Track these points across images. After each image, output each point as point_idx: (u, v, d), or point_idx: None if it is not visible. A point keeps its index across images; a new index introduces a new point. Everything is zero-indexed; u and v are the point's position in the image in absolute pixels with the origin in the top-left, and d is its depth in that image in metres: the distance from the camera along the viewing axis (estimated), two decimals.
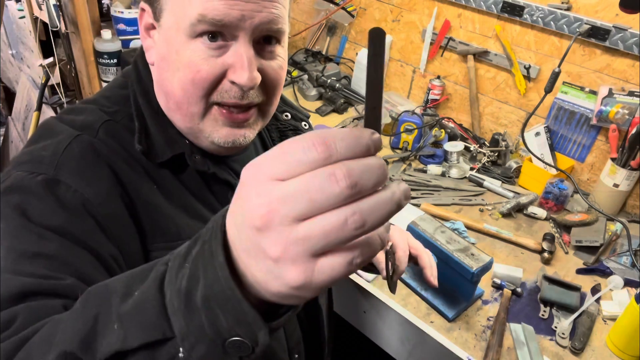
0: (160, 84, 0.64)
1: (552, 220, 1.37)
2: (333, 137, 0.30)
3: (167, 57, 0.60)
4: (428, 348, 1.01)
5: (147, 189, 0.62)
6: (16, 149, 2.54)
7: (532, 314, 1.08)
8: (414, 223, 1.08)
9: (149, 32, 0.64)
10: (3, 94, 2.83)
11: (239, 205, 0.32)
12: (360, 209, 0.29)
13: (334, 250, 0.30)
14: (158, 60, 0.63)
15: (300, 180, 0.29)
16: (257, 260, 0.31)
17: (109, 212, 0.57)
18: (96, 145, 0.60)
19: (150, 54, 0.64)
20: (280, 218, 0.29)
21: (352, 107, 1.86)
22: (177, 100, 0.61)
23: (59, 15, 1.71)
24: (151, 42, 0.64)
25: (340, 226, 0.29)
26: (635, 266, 1.21)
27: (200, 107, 0.61)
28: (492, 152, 1.59)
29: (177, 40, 0.58)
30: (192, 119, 0.62)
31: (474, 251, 1.01)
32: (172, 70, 0.60)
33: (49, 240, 0.51)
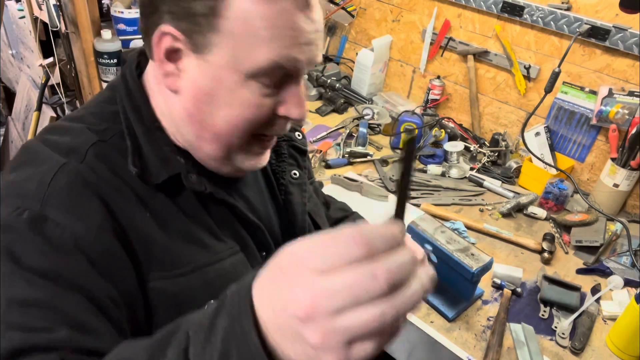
0: (196, 115, 0.59)
1: (552, 220, 1.37)
2: (373, 237, 0.33)
3: (212, 92, 0.57)
4: (428, 348, 1.01)
5: (140, 218, 0.58)
6: (16, 149, 2.54)
7: (532, 314, 1.08)
8: (414, 223, 1.08)
9: (173, 58, 0.57)
10: (3, 94, 2.83)
11: (278, 292, 0.34)
12: (396, 303, 0.32)
13: (368, 336, 0.32)
14: (195, 92, 0.57)
15: (344, 277, 0.32)
16: (293, 344, 0.33)
17: (101, 248, 0.53)
18: (84, 174, 0.55)
19: (173, 81, 0.58)
20: (323, 311, 0.31)
21: (352, 107, 1.86)
22: (219, 133, 0.59)
23: (59, 15, 1.71)
24: (174, 69, 0.57)
25: (378, 319, 0.31)
26: (635, 266, 1.21)
27: (243, 140, 0.61)
28: (492, 152, 1.59)
29: (231, 79, 0.55)
30: (229, 149, 0.61)
31: (474, 251, 1.01)
32: (218, 105, 0.57)
33: (39, 286, 0.48)
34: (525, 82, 1.57)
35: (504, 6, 1.51)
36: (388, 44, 1.89)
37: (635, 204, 1.45)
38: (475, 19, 1.62)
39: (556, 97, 1.51)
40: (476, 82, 1.68)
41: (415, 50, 1.83)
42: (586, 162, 1.52)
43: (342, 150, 1.57)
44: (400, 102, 1.86)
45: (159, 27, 0.54)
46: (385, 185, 1.43)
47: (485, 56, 1.63)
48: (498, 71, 1.63)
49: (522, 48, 1.55)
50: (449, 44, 1.71)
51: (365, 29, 1.97)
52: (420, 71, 1.84)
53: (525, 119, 1.50)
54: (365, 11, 1.94)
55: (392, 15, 1.85)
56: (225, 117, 0.58)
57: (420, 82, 1.87)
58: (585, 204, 1.39)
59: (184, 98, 0.58)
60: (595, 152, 1.49)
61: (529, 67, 1.54)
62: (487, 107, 1.70)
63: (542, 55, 1.51)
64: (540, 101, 1.42)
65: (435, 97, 1.77)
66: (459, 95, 1.76)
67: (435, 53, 1.76)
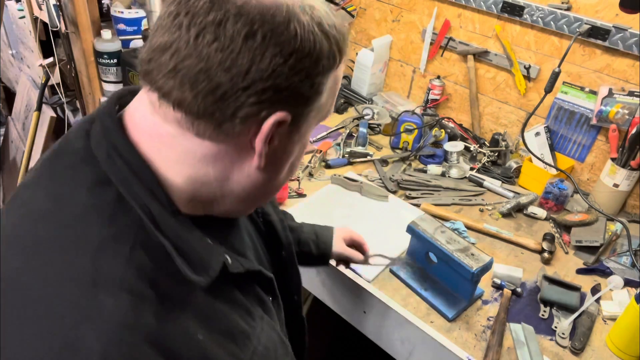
0: (272, 181, 0.56)
1: (552, 220, 1.37)
2: None
3: (298, 155, 0.57)
4: (428, 348, 1.01)
5: (198, 343, 0.49)
6: (16, 149, 2.54)
7: (532, 314, 1.08)
8: (414, 223, 1.08)
9: (272, 139, 0.51)
10: (3, 94, 2.83)
11: None
12: None
13: None
14: (283, 161, 0.55)
15: None
16: None
17: None
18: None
19: (262, 162, 0.52)
20: None
21: (352, 107, 1.86)
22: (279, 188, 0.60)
23: (59, 15, 1.71)
24: (264, 149, 0.51)
25: None
26: (635, 266, 1.21)
27: None
28: (492, 152, 1.59)
29: (308, 137, 0.58)
30: None
31: (474, 251, 1.01)
32: (298, 160, 0.59)
33: None
34: (525, 82, 1.57)
35: (504, 6, 1.51)
36: (388, 44, 1.89)
37: (635, 204, 1.45)
38: (475, 19, 1.62)
39: (556, 97, 1.51)
40: (476, 82, 1.68)
41: (415, 50, 1.83)
42: (586, 162, 1.52)
43: (342, 150, 1.57)
44: (400, 102, 1.86)
45: (275, 115, 0.48)
46: (385, 185, 1.43)
47: (485, 56, 1.63)
48: (498, 71, 1.63)
49: (522, 48, 1.55)
50: (449, 44, 1.71)
51: (365, 29, 1.97)
52: (420, 71, 1.84)
53: (525, 119, 1.50)
54: (365, 11, 1.94)
55: (392, 15, 1.85)
56: (291, 172, 0.59)
57: (420, 82, 1.87)
58: (585, 204, 1.39)
59: (265, 170, 0.53)
60: (595, 152, 1.49)
61: (529, 67, 1.54)
62: (487, 107, 1.70)
63: (542, 55, 1.51)
64: (540, 101, 1.42)
65: (435, 97, 1.77)
66: (459, 95, 1.76)
67: (435, 53, 1.76)
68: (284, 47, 0.46)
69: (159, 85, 0.48)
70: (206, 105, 0.46)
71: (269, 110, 0.48)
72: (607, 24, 1.33)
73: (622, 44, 1.32)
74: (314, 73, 0.49)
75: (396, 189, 1.43)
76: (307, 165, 1.45)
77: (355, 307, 1.06)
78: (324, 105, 0.54)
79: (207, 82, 0.46)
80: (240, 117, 0.48)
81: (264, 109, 0.48)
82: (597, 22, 1.34)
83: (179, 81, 0.46)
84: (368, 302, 1.08)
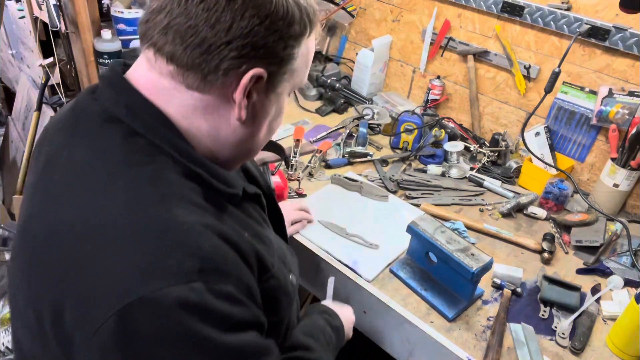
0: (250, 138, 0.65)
1: (552, 220, 1.37)
2: None
3: (275, 115, 0.66)
4: (428, 348, 1.01)
5: (244, 238, 0.61)
6: (16, 149, 2.54)
7: (532, 314, 1.08)
8: (414, 223, 1.08)
9: (250, 94, 0.60)
10: (3, 94, 2.83)
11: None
12: None
13: None
14: (260, 120, 0.64)
15: None
16: None
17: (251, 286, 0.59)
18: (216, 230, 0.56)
19: (242, 114, 0.61)
20: None
21: (352, 107, 1.86)
22: (261, 145, 0.69)
23: (59, 15, 1.71)
24: (244, 103, 0.60)
25: None
26: (635, 266, 1.21)
27: None
28: (492, 152, 1.59)
29: (284, 101, 0.67)
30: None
31: (474, 251, 1.01)
32: (276, 122, 0.68)
33: None
34: (525, 82, 1.57)
35: (504, 6, 1.51)
36: (388, 44, 1.89)
37: (635, 204, 1.45)
38: (475, 19, 1.62)
39: (556, 97, 1.51)
40: (476, 82, 1.68)
41: (415, 50, 1.83)
42: (586, 162, 1.52)
43: (342, 150, 1.57)
44: (400, 102, 1.86)
45: (252, 70, 0.57)
46: (385, 185, 1.43)
47: (485, 56, 1.63)
48: (498, 71, 1.63)
49: (522, 48, 1.55)
50: (449, 44, 1.71)
51: (365, 29, 1.97)
52: (420, 71, 1.84)
53: (525, 119, 1.50)
54: (365, 11, 1.94)
55: (392, 15, 1.85)
56: (270, 132, 0.68)
57: (420, 82, 1.87)
58: (585, 204, 1.39)
59: (247, 124, 0.63)
60: (595, 152, 1.49)
61: (529, 67, 1.54)
62: (487, 107, 1.70)
63: (542, 55, 1.51)
64: (540, 101, 1.42)
65: (435, 97, 1.77)
66: (459, 95, 1.76)
67: (435, 53, 1.76)
68: (261, 10, 0.55)
69: (154, 41, 0.57)
70: (194, 57, 0.56)
71: (247, 65, 0.57)
72: (607, 24, 1.33)
73: (622, 44, 1.32)
74: (287, 35, 0.58)
75: (396, 189, 1.43)
76: (307, 165, 1.45)
77: (355, 307, 1.06)
78: (297, 72, 0.63)
79: (194, 36, 0.55)
80: (223, 69, 0.56)
81: (244, 64, 0.57)
82: (597, 22, 1.34)
83: (171, 37, 0.56)
84: (368, 302, 1.08)
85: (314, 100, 1.90)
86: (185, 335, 0.47)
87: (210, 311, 0.49)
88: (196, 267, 0.49)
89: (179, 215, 0.52)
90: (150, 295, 0.46)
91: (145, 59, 0.60)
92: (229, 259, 0.54)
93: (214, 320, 0.49)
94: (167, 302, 0.47)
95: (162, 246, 0.50)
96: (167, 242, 0.50)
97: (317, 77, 1.87)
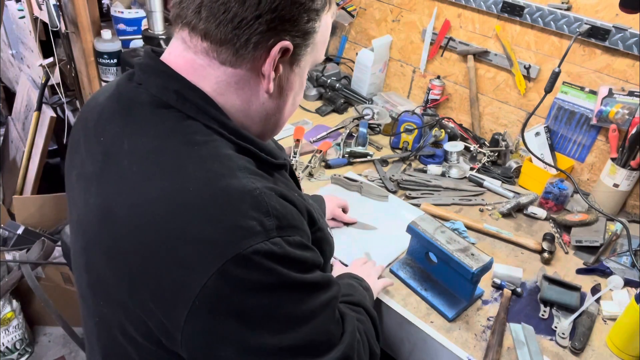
0: (278, 111, 0.70)
1: (552, 220, 1.37)
2: None
3: (298, 90, 0.71)
4: (428, 348, 1.01)
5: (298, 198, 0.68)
6: (16, 149, 2.54)
7: (532, 314, 1.08)
8: (414, 223, 1.08)
9: (277, 67, 0.64)
10: (3, 94, 2.83)
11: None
12: None
13: None
14: (287, 92, 0.69)
15: None
16: None
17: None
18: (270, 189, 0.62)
19: (270, 86, 0.65)
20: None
21: (352, 107, 1.86)
22: (286, 119, 0.74)
23: (59, 15, 1.71)
24: (272, 75, 0.64)
25: None
26: (635, 266, 1.21)
27: None
28: (492, 152, 1.59)
29: (305, 76, 0.71)
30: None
31: (474, 251, 1.01)
32: (299, 96, 0.73)
33: None
34: (525, 82, 1.57)
35: (504, 6, 1.51)
36: (388, 44, 1.89)
37: (635, 204, 1.45)
38: (475, 19, 1.62)
39: (556, 97, 1.51)
40: (476, 82, 1.68)
41: (415, 50, 1.83)
42: (586, 162, 1.52)
43: (342, 150, 1.57)
44: (400, 102, 1.86)
45: (280, 43, 0.61)
46: (385, 185, 1.43)
47: (485, 56, 1.63)
48: (498, 71, 1.63)
49: (522, 48, 1.55)
50: (449, 44, 1.71)
51: (365, 29, 1.97)
52: (420, 71, 1.84)
53: (525, 119, 1.50)
54: (365, 11, 1.94)
55: (392, 15, 1.85)
56: (294, 107, 0.73)
57: (420, 82, 1.87)
58: (585, 204, 1.39)
59: (274, 97, 0.68)
60: (595, 152, 1.49)
61: (529, 67, 1.54)
62: (487, 107, 1.70)
63: (542, 55, 1.51)
64: (540, 101, 1.42)
65: (435, 97, 1.77)
66: (459, 95, 1.76)
67: (435, 53, 1.76)
68: None
69: (188, 20, 0.61)
70: (226, 32, 0.60)
71: (275, 38, 0.61)
72: (607, 24, 1.33)
73: (622, 44, 1.32)
74: (310, 9, 0.63)
75: (396, 189, 1.43)
76: (307, 165, 1.45)
77: None
78: (317, 46, 0.68)
79: (226, 12, 0.59)
80: (253, 43, 0.61)
81: (272, 37, 0.61)
82: (597, 22, 1.34)
83: (205, 14, 0.60)
84: None
85: (314, 100, 1.90)
86: (277, 280, 0.57)
87: (291, 259, 0.58)
88: (274, 224, 0.57)
89: (248, 183, 0.59)
90: (243, 252, 0.54)
91: (180, 39, 0.64)
92: (295, 215, 0.62)
93: (295, 265, 0.59)
94: (258, 257, 0.55)
95: (243, 211, 0.56)
96: (246, 206, 0.57)
97: (317, 77, 1.87)
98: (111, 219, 0.60)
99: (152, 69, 0.65)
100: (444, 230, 1.06)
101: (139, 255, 0.57)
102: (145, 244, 0.57)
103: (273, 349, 0.58)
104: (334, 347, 0.65)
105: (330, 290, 0.66)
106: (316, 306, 0.62)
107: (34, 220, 2.07)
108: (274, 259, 0.56)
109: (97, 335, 0.71)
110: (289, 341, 0.59)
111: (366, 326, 0.80)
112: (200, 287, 0.53)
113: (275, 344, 0.58)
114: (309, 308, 0.61)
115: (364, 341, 0.75)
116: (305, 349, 0.61)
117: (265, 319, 0.57)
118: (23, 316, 1.86)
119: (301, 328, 0.60)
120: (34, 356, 1.91)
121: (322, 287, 0.64)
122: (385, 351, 1.11)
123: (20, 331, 1.84)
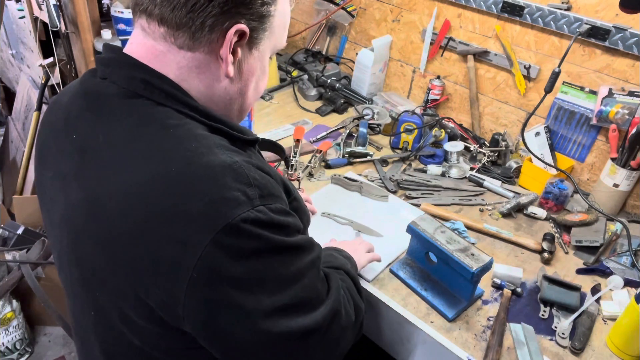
0: (240, 95, 0.72)
1: (552, 220, 1.37)
2: None
3: (260, 75, 0.73)
4: (428, 348, 1.01)
5: (273, 169, 0.73)
6: (16, 149, 2.54)
7: (532, 314, 1.08)
8: (414, 223, 1.08)
9: (234, 50, 0.67)
10: (3, 94, 2.83)
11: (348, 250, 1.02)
12: None
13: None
14: (247, 76, 0.71)
15: None
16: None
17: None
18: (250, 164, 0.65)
19: (230, 70, 0.67)
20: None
21: (352, 107, 1.86)
22: (250, 104, 0.76)
23: (59, 15, 1.71)
24: (232, 59, 0.67)
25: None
26: (635, 266, 1.21)
27: None
28: (492, 152, 1.59)
29: (267, 61, 0.74)
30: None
31: (474, 251, 1.01)
32: (257, 84, 0.74)
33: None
34: (525, 82, 1.57)
35: (504, 6, 1.51)
36: (388, 44, 1.89)
37: (635, 204, 1.45)
38: (475, 19, 1.62)
39: (556, 97, 1.51)
40: (476, 82, 1.68)
41: (415, 50, 1.83)
42: (586, 162, 1.52)
43: (342, 150, 1.57)
44: (400, 102, 1.86)
45: (235, 26, 0.63)
46: (385, 185, 1.43)
47: (485, 56, 1.63)
48: (498, 71, 1.63)
49: (522, 48, 1.55)
50: (449, 44, 1.71)
51: (365, 29, 1.97)
52: (420, 71, 1.84)
53: (525, 119, 1.50)
54: (365, 11, 1.94)
55: (392, 15, 1.85)
56: (259, 90, 0.75)
57: (420, 82, 1.87)
58: (585, 204, 1.39)
59: (235, 82, 0.70)
60: (595, 152, 1.49)
61: (529, 67, 1.54)
62: (487, 107, 1.70)
63: (542, 55, 1.51)
64: (540, 101, 1.42)
65: (435, 97, 1.77)
66: (459, 95, 1.76)
67: (435, 53, 1.76)
68: None
69: (145, 7, 0.63)
70: (181, 16, 0.62)
71: (230, 21, 0.63)
72: (607, 24, 1.33)
73: (622, 44, 1.32)
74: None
75: (396, 189, 1.43)
76: (307, 165, 1.45)
77: None
78: (275, 31, 0.70)
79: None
80: (208, 26, 0.62)
81: (227, 20, 0.63)
82: (597, 22, 1.34)
83: (159, 0, 0.62)
84: (368, 302, 1.08)
85: (314, 100, 1.90)
86: (265, 245, 0.60)
87: (276, 224, 0.61)
88: (257, 194, 0.60)
89: (226, 158, 0.61)
90: (232, 222, 0.56)
91: (140, 28, 0.66)
92: (273, 184, 0.65)
93: (280, 229, 0.62)
94: (246, 225, 0.57)
95: (226, 183, 0.59)
96: (229, 179, 0.59)
97: (317, 77, 1.87)
98: (99, 209, 0.61)
99: (115, 62, 0.67)
100: (444, 230, 1.06)
101: (132, 238, 0.58)
102: (137, 225, 0.58)
103: (268, 309, 0.61)
104: (323, 302, 0.70)
105: (313, 251, 0.70)
106: (303, 266, 0.66)
107: (34, 220, 2.07)
108: (260, 225, 0.59)
109: (95, 330, 0.71)
110: (283, 301, 0.62)
111: (347, 283, 0.85)
112: (196, 260, 0.56)
113: (270, 304, 0.61)
114: (296, 268, 0.65)
115: (348, 296, 0.80)
116: (297, 307, 0.65)
117: (260, 282, 0.60)
118: (23, 316, 1.86)
119: (292, 288, 0.64)
120: (34, 356, 1.91)
121: (306, 249, 0.68)
122: (385, 351, 1.11)
123: (20, 331, 1.84)
